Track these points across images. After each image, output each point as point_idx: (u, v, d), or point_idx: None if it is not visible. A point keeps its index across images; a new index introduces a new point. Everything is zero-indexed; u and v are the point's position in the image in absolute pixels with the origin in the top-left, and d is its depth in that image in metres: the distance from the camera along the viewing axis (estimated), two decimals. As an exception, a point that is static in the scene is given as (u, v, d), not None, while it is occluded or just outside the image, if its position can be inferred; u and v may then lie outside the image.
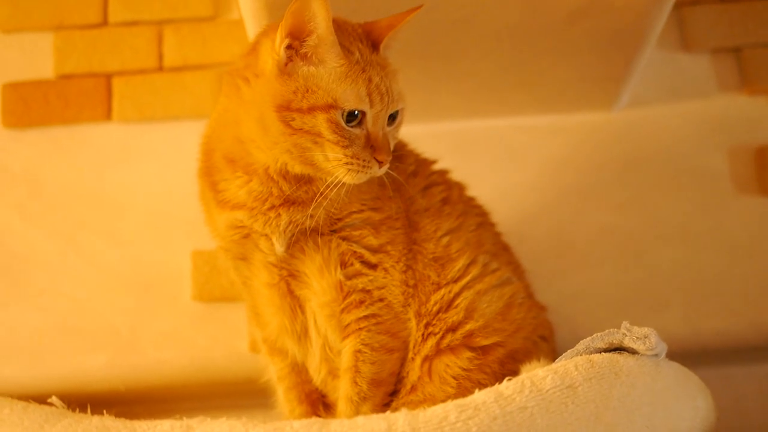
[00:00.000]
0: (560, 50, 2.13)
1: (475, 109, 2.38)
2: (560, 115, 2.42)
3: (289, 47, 1.57)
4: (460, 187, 1.91)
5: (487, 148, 2.24)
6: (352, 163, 1.57)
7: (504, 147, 2.39)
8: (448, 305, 1.71)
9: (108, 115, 2.42)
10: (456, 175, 1.92)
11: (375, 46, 1.66)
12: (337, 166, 1.58)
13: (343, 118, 1.57)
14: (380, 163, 1.60)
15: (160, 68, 2.44)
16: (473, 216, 1.86)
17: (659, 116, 2.43)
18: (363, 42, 1.64)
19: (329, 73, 1.57)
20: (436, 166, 1.90)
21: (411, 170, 1.82)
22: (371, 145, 1.60)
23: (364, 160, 1.58)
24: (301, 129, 1.56)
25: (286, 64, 1.57)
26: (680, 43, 2.50)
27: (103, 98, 2.42)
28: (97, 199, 2.36)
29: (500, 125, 2.41)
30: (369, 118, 1.60)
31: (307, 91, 1.56)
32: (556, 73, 2.23)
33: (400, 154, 1.82)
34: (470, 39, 2.04)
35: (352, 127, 1.58)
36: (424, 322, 1.71)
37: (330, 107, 1.56)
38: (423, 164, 1.87)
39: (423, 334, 1.70)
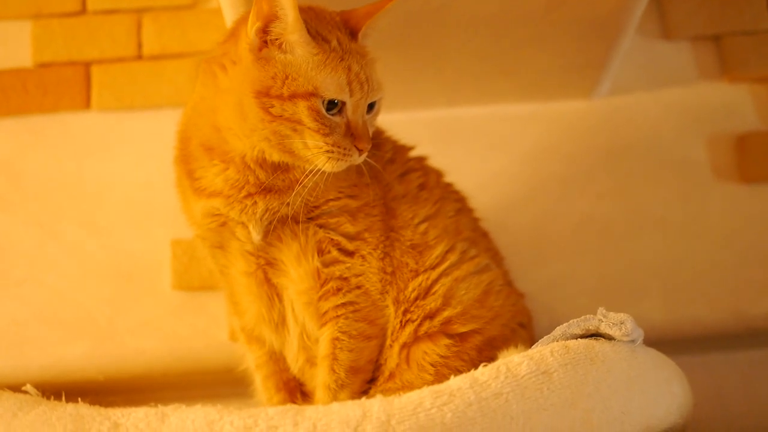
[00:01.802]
0: (540, 38, 2.12)
1: (455, 97, 2.37)
2: (540, 103, 2.42)
3: (261, 32, 1.56)
4: (437, 174, 1.91)
5: (467, 137, 2.23)
6: (332, 151, 1.57)
7: (484, 135, 2.39)
8: (426, 292, 1.71)
9: (87, 104, 2.41)
10: (436, 164, 1.92)
11: (353, 34, 1.66)
12: (317, 154, 1.57)
13: (323, 106, 1.56)
14: (360, 151, 1.60)
15: (139, 57, 2.42)
16: (451, 202, 1.86)
17: (640, 104, 2.43)
18: (341, 30, 1.64)
19: (307, 61, 1.56)
20: (413, 153, 1.90)
21: (388, 157, 1.82)
22: (351, 133, 1.60)
23: (344, 148, 1.58)
24: (280, 116, 1.55)
25: (260, 49, 1.57)
26: (660, 31, 2.50)
27: (81, 87, 2.41)
28: (76, 188, 2.35)
29: (480, 113, 2.40)
30: (349, 106, 1.60)
31: (287, 77, 1.56)
32: (536, 61, 2.23)
33: (378, 141, 1.81)
34: (449, 27, 2.04)
35: (332, 115, 1.58)
36: (402, 308, 1.71)
37: (311, 95, 1.55)
38: (400, 151, 1.87)
39: (401, 321, 1.71)
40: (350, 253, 1.69)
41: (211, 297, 2.26)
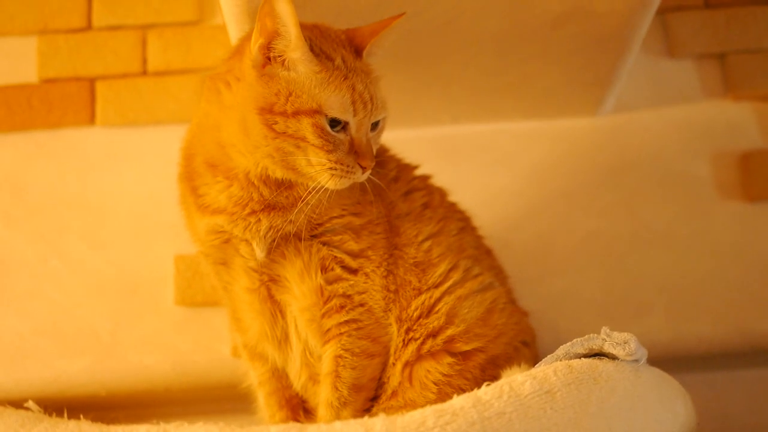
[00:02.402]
0: (545, 55, 2.13)
1: (460, 114, 2.37)
2: (545, 120, 2.42)
3: (264, 48, 1.57)
4: (441, 192, 1.91)
5: (472, 154, 2.24)
6: (335, 168, 1.58)
7: (488, 152, 2.39)
8: (429, 311, 1.71)
9: (91, 120, 2.41)
10: (441, 181, 1.92)
11: (358, 52, 1.66)
12: (321, 171, 1.58)
13: (327, 123, 1.57)
14: (363, 169, 1.60)
15: (144, 72, 2.43)
16: (454, 221, 1.86)
17: (644, 122, 2.43)
18: (346, 48, 1.64)
19: (310, 79, 1.57)
20: (418, 172, 1.90)
21: (392, 175, 1.82)
22: (355, 151, 1.60)
23: (348, 166, 1.59)
24: (284, 132, 1.56)
25: (263, 66, 1.58)
26: (665, 49, 2.50)
27: (86, 102, 2.41)
28: (80, 203, 2.35)
29: (485, 130, 2.40)
30: (353, 124, 1.60)
31: (291, 94, 1.56)
32: (540, 79, 2.23)
33: (382, 159, 1.82)
34: (455, 44, 2.04)
35: (336, 132, 1.58)
36: (405, 327, 1.71)
37: (315, 112, 1.56)
38: (404, 169, 1.87)
39: (404, 340, 1.70)
40: (354, 271, 1.69)
41: (214, 313, 2.26)
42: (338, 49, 1.62)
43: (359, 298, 1.69)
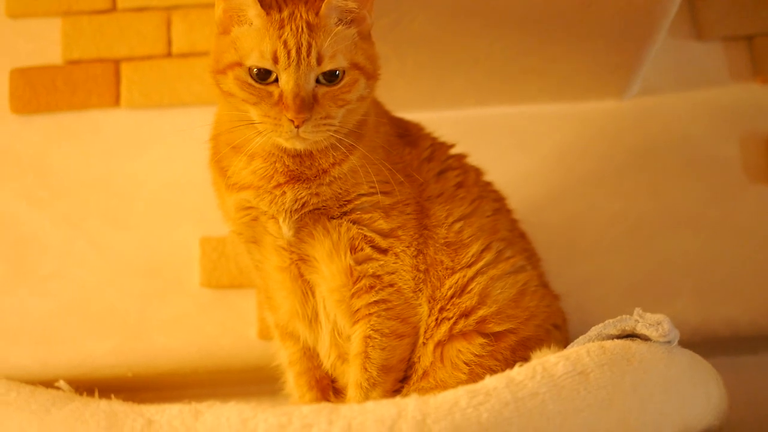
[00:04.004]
0: (572, 37, 2.11)
1: (486, 96, 2.36)
2: (571, 103, 2.40)
3: (227, 11, 1.59)
4: (477, 172, 1.90)
5: (497, 136, 2.23)
6: (263, 122, 1.56)
7: (514, 135, 2.38)
8: (462, 290, 1.70)
9: (116, 101, 2.41)
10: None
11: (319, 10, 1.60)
12: (260, 126, 1.57)
13: (252, 75, 1.55)
14: (291, 121, 1.54)
15: (169, 54, 2.42)
16: (489, 201, 1.85)
17: (671, 104, 2.41)
18: (308, 4, 1.59)
19: (247, 32, 1.57)
20: (454, 150, 1.89)
21: (426, 155, 1.81)
22: (281, 103, 1.55)
23: (274, 119, 1.55)
24: (226, 91, 1.59)
25: (229, 29, 1.60)
26: (692, 32, 2.47)
27: (111, 84, 2.41)
28: (105, 185, 2.35)
29: (510, 113, 2.39)
30: (282, 76, 1.55)
31: (227, 51, 1.58)
32: (567, 61, 2.22)
33: (415, 138, 1.82)
34: (481, 25, 2.03)
35: (265, 84, 1.56)
36: (439, 306, 1.70)
37: (236, 65, 1.56)
38: (439, 149, 1.86)
39: (437, 319, 1.69)
40: (383, 251, 1.69)
41: (239, 295, 2.27)
42: (297, 3, 1.58)
43: (389, 278, 1.68)
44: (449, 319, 1.69)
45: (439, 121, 1.99)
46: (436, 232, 1.73)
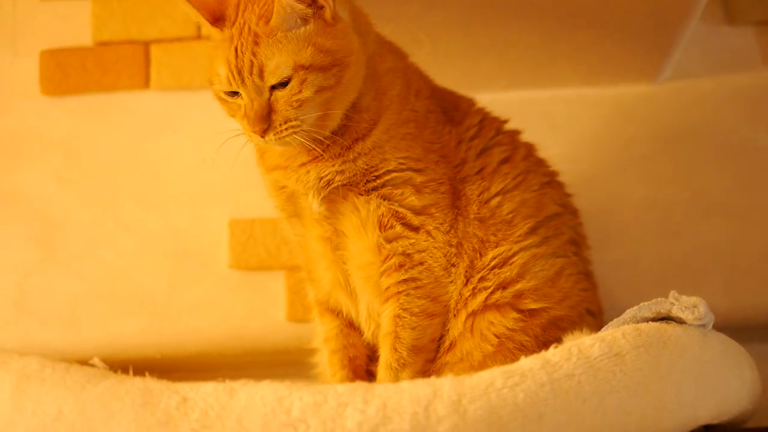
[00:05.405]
0: (605, 21, 2.11)
1: (517, 80, 2.35)
2: (603, 87, 2.39)
3: None
4: (527, 147, 1.90)
5: (528, 120, 2.19)
6: (242, 130, 1.63)
7: (545, 119, 2.37)
8: (504, 262, 1.70)
9: (146, 83, 2.41)
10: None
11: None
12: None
13: (222, 91, 1.62)
14: (256, 133, 1.59)
15: (198, 36, 2.41)
16: (538, 176, 1.84)
17: (702, 89, 2.39)
18: (264, 9, 1.59)
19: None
20: (508, 126, 1.90)
21: (471, 133, 1.81)
22: (245, 116, 1.60)
23: (246, 128, 1.61)
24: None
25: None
26: (724, 16, 2.45)
27: (141, 66, 2.41)
28: (134, 166, 2.36)
29: (542, 96, 2.38)
30: (240, 91, 1.60)
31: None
32: (599, 44, 2.21)
33: (464, 114, 1.83)
34: (514, 7, 2.03)
35: (235, 98, 1.62)
36: (479, 276, 1.69)
37: (211, 82, 1.64)
38: (488, 126, 1.86)
39: (474, 288, 1.69)
40: (415, 228, 1.68)
41: (268, 277, 2.27)
42: (248, 11, 1.60)
43: (419, 256, 1.68)
44: (487, 289, 1.68)
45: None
46: (469, 209, 1.73)
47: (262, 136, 1.58)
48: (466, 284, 1.70)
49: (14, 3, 2.47)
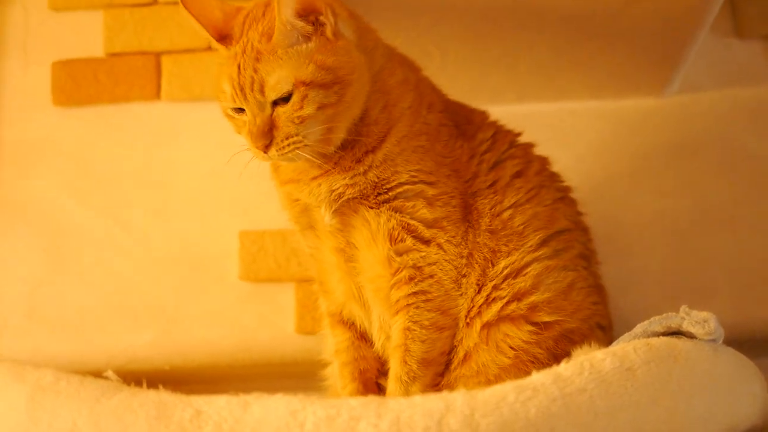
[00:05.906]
0: (614, 34, 2.11)
1: (526, 93, 2.36)
2: (611, 99, 2.39)
3: None
4: (541, 161, 1.90)
5: (537, 132, 2.20)
6: (248, 146, 1.65)
7: (554, 131, 2.37)
8: (518, 272, 1.70)
9: (157, 94, 2.42)
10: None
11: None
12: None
13: (229, 108, 1.65)
14: (259, 149, 1.62)
15: (209, 48, 2.41)
16: (552, 191, 1.85)
17: (710, 102, 2.39)
18: (266, 26, 1.61)
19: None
20: (521, 140, 1.90)
21: (484, 148, 1.82)
22: (249, 132, 1.63)
23: (249, 144, 1.64)
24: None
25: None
26: (733, 30, 2.45)
27: (152, 77, 2.42)
28: (145, 177, 2.37)
29: (550, 109, 2.39)
30: (244, 108, 1.63)
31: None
32: (608, 57, 2.21)
33: (477, 127, 1.84)
34: (523, 20, 2.03)
35: (240, 114, 1.65)
36: (492, 284, 1.70)
37: (218, 99, 1.67)
38: (501, 139, 1.86)
39: (488, 296, 1.69)
40: (426, 241, 1.69)
41: (278, 288, 2.28)
42: (252, 29, 1.62)
43: (429, 269, 1.68)
44: (502, 299, 1.68)
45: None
46: (481, 222, 1.73)
47: (264, 152, 1.60)
48: (479, 292, 1.70)
49: (26, 14, 2.48)
